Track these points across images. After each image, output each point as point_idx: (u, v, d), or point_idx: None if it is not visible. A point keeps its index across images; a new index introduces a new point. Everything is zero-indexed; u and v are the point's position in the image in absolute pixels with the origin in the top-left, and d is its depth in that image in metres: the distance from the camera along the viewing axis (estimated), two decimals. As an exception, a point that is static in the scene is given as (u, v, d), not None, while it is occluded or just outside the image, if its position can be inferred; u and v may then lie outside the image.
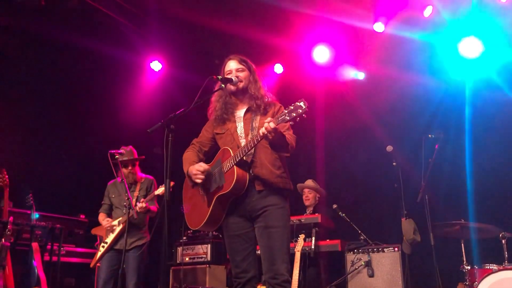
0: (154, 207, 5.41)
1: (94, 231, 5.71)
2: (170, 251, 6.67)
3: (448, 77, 6.63)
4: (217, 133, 3.57)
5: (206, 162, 3.52)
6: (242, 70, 3.52)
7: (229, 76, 3.48)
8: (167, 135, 3.03)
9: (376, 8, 6.83)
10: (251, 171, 3.31)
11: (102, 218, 5.61)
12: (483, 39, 6.44)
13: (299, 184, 6.30)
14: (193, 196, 3.53)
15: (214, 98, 3.59)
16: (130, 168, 5.53)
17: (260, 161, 3.32)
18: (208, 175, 3.39)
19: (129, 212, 5.06)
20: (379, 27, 6.87)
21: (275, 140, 3.12)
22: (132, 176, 5.56)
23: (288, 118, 2.95)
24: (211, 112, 3.60)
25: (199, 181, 3.38)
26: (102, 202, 5.73)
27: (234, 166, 3.22)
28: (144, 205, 5.20)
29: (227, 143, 3.45)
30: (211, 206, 3.31)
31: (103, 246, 5.41)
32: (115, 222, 5.44)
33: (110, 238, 5.39)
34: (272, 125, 3.00)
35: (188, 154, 3.62)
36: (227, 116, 3.51)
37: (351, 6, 6.80)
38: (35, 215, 5.65)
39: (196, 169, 3.39)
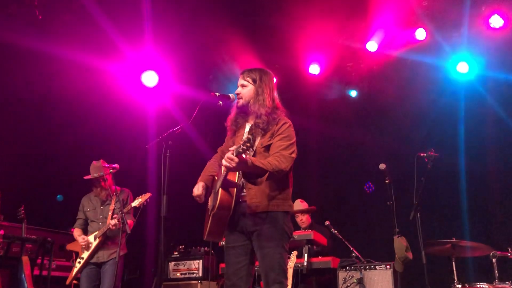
0: (130, 221, 5.29)
1: (70, 247, 5.63)
2: (162, 266, 6.62)
3: (442, 96, 6.74)
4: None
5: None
6: (245, 86, 3.47)
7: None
8: (164, 150, 3.03)
9: (369, 27, 6.95)
10: (243, 194, 3.31)
11: (77, 234, 5.52)
12: (474, 58, 6.58)
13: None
14: (208, 207, 3.57)
15: (232, 108, 3.55)
16: (102, 184, 5.44)
17: (253, 183, 3.29)
18: (215, 192, 3.39)
19: (122, 226, 4.98)
20: (372, 46, 6.99)
21: (241, 170, 3.12)
22: (105, 192, 5.47)
23: (241, 150, 2.95)
24: (228, 121, 3.57)
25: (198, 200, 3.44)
26: (77, 217, 5.63)
27: (220, 189, 3.24)
28: (116, 221, 5.10)
29: None
30: (209, 222, 3.33)
31: (79, 262, 5.34)
32: (91, 238, 5.36)
33: (86, 254, 5.32)
34: (230, 155, 2.98)
35: (209, 163, 3.64)
36: (236, 128, 3.51)
37: (345, 25, 6.91)
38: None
39: (195, 191, 3.44)
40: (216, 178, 3.51)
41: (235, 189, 3.28)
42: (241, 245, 3.34)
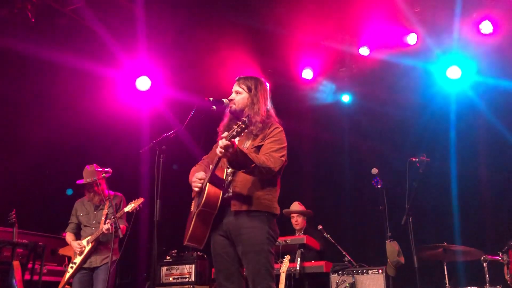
0: (123, 226, 5.27)
1: (62, 251, 5.59)
2: (154, 271, 6.60)
3: (433, 101, 6.79)
4: None
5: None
6: (240, 93, 3.49)
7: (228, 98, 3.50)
8: (158, 155, 3.02)
9: (361, 33, 7.00)
10: (229, 191, 3.30)
11: (70, 238, 5.49)
12: (464, 64, 6.65)
13: (285, 210, 6.30)
14: (191, 211, 3.55)
15: (225, 114, 3.56)
16: (95, 188, 5.40)
17: (240, 181, 3.29)
18: (200, 191, 3.40)
19: (116, 230, 4.96)
20: (364, 51, 7.04)
21: (232, 158, 3.09)
22: (98, 197, 5.43)
23: (235, 133, 2.98)
24: (220, 127, 3.57)
25: (196, 189, 3.37)
26: (69, 221, 5.60)
27: (207, 184, 3.24)
28: (109, 226, 5.07)
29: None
30: (192, 222, 3.31)
31: (71, 267, 5.30)
32: (84, 243, 5.33)
33: (78, 259, 5.29)
34: (224, 141, 2.98)
35: (195, 168, 3.62)
36: None
37: (338, 30, 6.95)
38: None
39: (196, 176, 3.37)
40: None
41: (223, 186, 3.26)
42: (227, 252, 3.32)
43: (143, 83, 7.64)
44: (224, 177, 3.32)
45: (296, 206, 6.37)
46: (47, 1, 6.29)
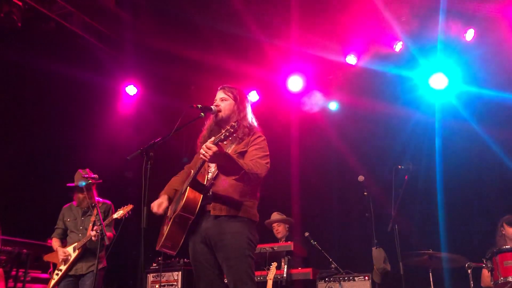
0: (110, 233, 5.22)
1: (47, 257, 5.51)
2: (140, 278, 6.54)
3: (418, 109, 6.87)
4: None
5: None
6: (226, 100, 3.54)
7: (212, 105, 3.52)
8: (145, 162, 3.01)
9: (348, 42, 7.07)
10: (209, 195, 3.30)
11: (56, 244, 5.42)
12: (449, 73, 6.74)
13: (267, 221, 6.28)
14: (166, 216, 3.55)
15: (204, 126, 3.60)
16: (85, 192, 5.33)
17: (221, 186, 3.30)
18: (179, 196, 3.40)
19: (101, 237, 4.91)
20: (351, 59, 7.11)
21: (217, 161, 3.11)
22: (87, 201, 5.33)
23: (222, 137, 3.02)
24: (200, 138, 3.59)
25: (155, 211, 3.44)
26: (56, 227, 5.53)
27: (188, 188, 3.24)
28: (96, 233, 4.98)
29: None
30: (169, 226, 3.30)
31: (57, 274, 5.23)
32: (70, 249, 5.27)
33: (64, 266, 5.23)
34: (208, 144, 3.00)
35: (174, 179, 3.64)
36: None
37: (325, 39, 7.01)
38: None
39: (155, 207, 3.44)
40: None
41: (203, 191, 3.27)
42: (207, 259, 3.32)
43: (130, 89, 7.69)
44: (205, 182, 3.33)
45: (275, 216, 6.30)
46: (35, 6, 6.25)
